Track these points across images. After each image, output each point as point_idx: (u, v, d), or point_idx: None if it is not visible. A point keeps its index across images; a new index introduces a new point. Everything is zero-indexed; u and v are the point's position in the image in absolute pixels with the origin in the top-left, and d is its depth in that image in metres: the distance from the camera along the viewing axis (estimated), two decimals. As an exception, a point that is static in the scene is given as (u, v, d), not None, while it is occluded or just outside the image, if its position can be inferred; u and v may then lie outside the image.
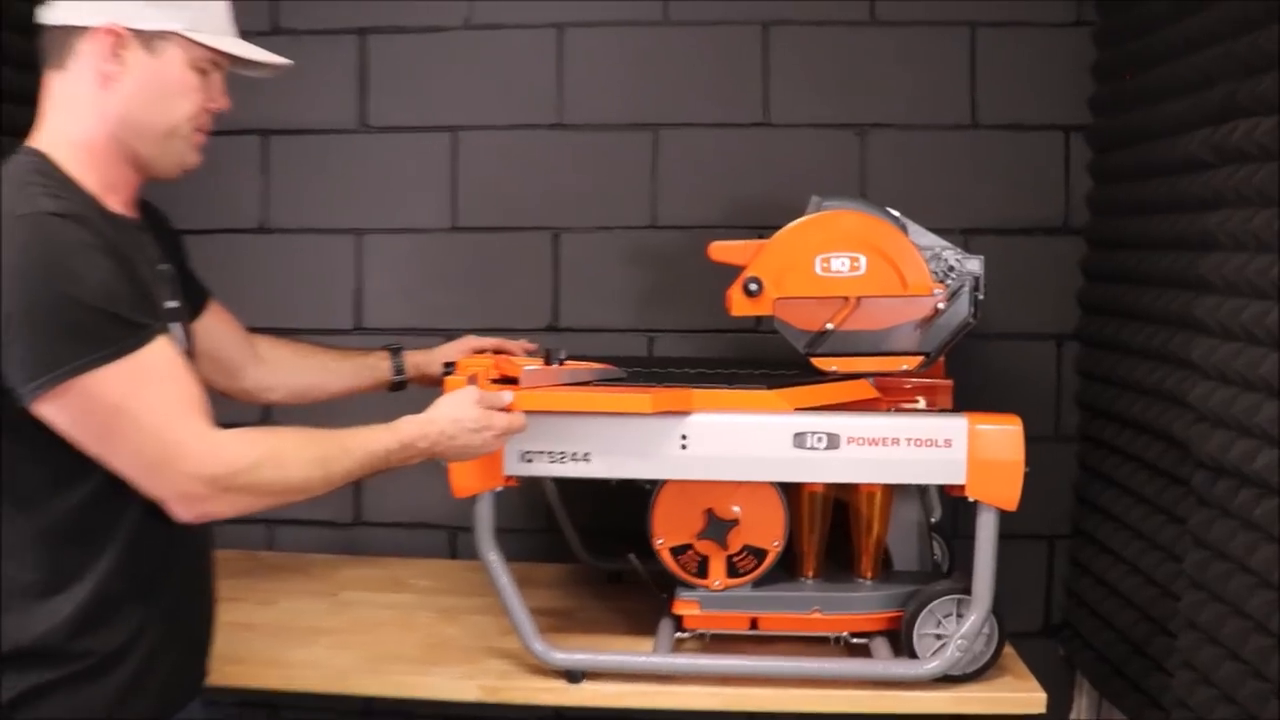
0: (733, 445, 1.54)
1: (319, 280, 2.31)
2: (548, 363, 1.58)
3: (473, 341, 1.87)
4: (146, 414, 1.19)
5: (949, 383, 1.81)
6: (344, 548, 2.27)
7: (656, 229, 2.24)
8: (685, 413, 1.54)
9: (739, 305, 1.73)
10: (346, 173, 2.29)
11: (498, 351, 1.83)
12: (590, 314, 2.26)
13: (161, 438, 1.20)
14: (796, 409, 1.57)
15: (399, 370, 1.82)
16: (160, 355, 1.22)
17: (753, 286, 1.71)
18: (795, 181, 2.09)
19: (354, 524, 2.30)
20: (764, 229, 1.99)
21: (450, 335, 2.17)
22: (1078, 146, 2.17)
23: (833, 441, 1.52)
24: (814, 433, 1.53)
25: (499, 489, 1.59)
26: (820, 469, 1.54)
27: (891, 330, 1.71)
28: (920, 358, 1.71)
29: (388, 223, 2.29)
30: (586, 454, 1.56)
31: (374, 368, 1.82)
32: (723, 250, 1.77)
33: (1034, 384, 2.19)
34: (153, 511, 1.24)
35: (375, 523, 2.30)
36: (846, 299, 1.70)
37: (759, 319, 1.84)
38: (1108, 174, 2.14)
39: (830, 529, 1.71)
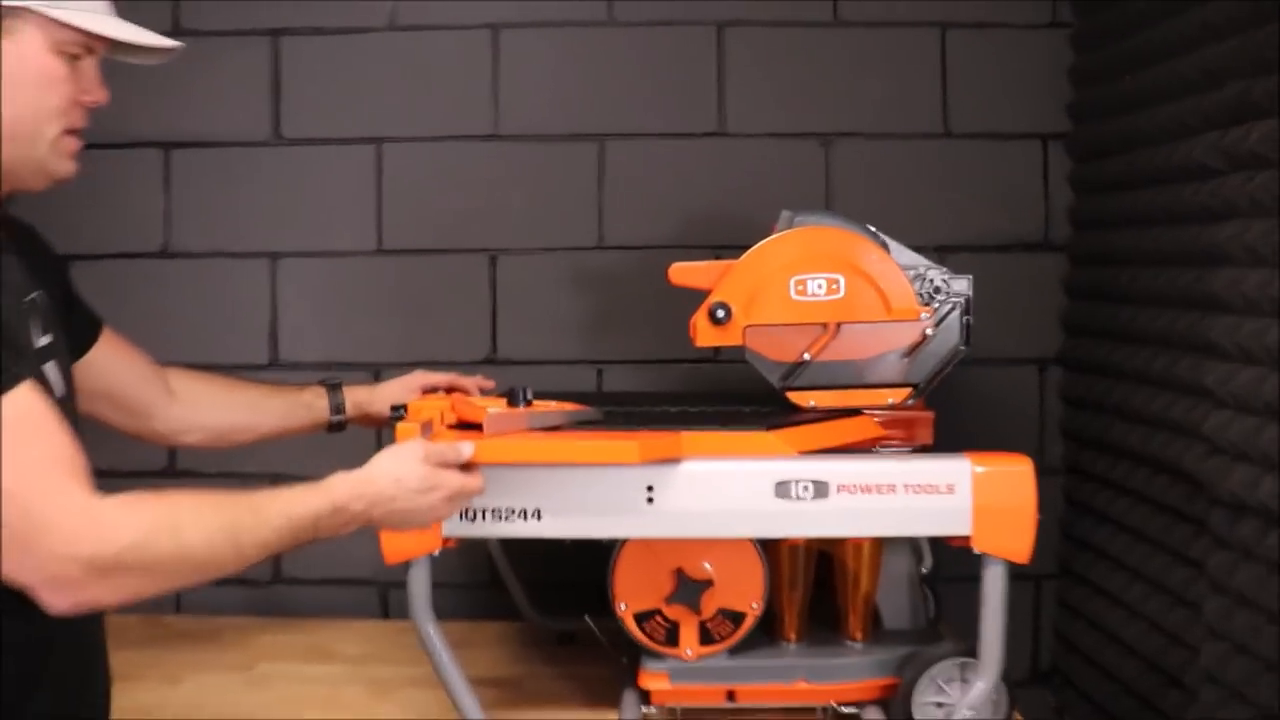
0: (707, 497, 1.34)
1: (229, 309, 2.08)
2: (512, 404, 1.38)
3: (422, 378, 1.65)
4: (3, 480, 0.96)
5: (929, 414, 1.62)
6: (262, 609, 2.03)
7: (603, 249, 2.04)
8: (674, 460, 1.34)
9: (704, 334, 1.54)
10: (259, 189, 2.06)
11: (450, 390, 1.62)
12: (532, 344, 2.05)
13: (24, 509, 0.97)
14: (800, 453, 1.38)
15: (338, 408, 1.60)
16: (22, 406, 0.99)
17: (720, 313, 1.52)
18: (754, 195, 1.93)
19: (272, 582, 2.06)
20: (721, 249, 1.82)
21: (377, 370, 1.98)
22: (1057, 156, 2.01)
23: (820, 490, 1.33)
24: (799, 481, 1.33)
25: (436, 552, 1.38)
26: (807, 522, 1.35)
27: (875, 360, 1.53)
28: (907, 390, 1.53)
29: (306, 245, 2.07)
30: (536, 510, 1.35)
31: (309, 405, 1.60)
32: (685, 272, 1.58)
33: (1015, 413, 2.03)
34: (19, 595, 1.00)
35: (296, 580, 2.06)
36: (825, 325, 1.52)
37: (718, 349, 1.66)
38: (1090, 184, 1.99)
39: (813, 584, 1.52)
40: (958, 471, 1.33)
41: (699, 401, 1.67)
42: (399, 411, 1.45)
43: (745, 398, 1.64)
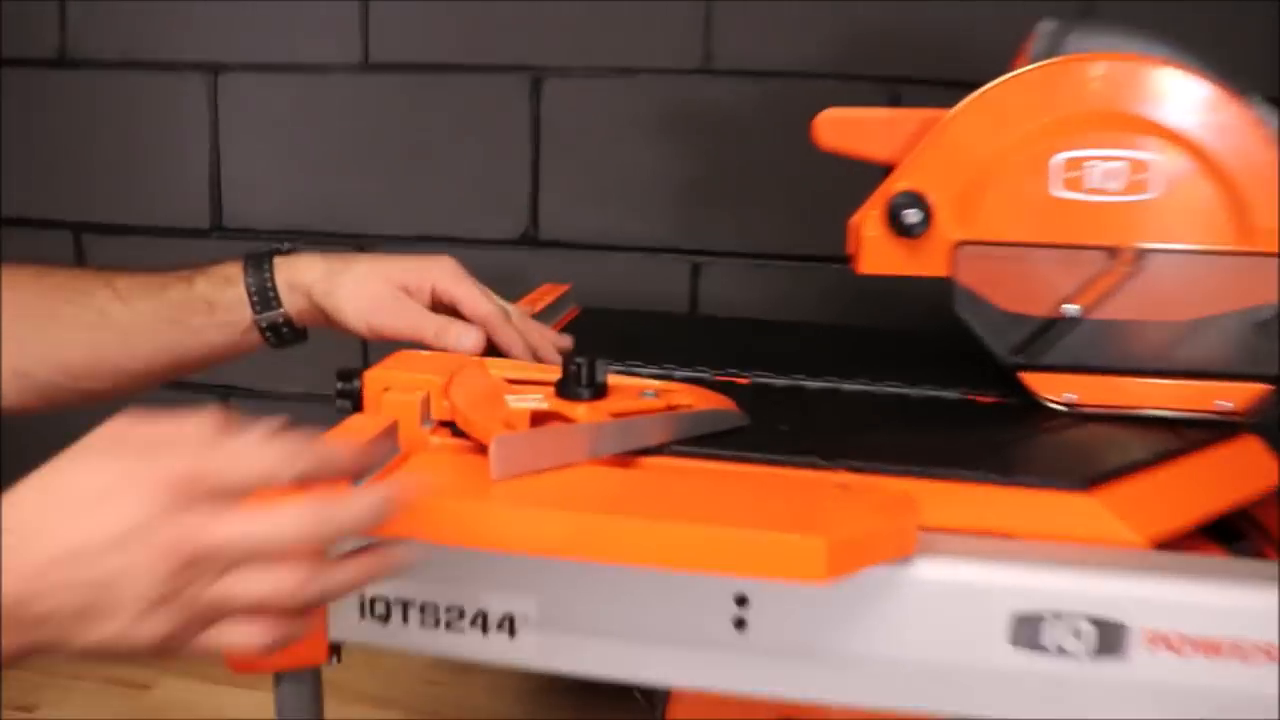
0: (858, 632, 0.63)
1: (150, 145, 1.40)
2: (566, 393, 0.70)
3: (435, 272, 0.88)
4: None
5: (1258, 444, 0.85)
6: None
7: (711, 74, 1.28)
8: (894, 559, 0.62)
9: (875, 252, 0.81)
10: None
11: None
12: (590, 218, 1.33)
13: None
14: (1153, 541, 0.66)
15: (264, 300, 0.88)
16: None
17: (909, 215, 0.78)
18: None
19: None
20: (909, 86, 1.08)
21: (360, 244, 1.30)
22: None
23: (1111, 640, 0.61)
24: (1062, 614, 0.61)
25: (319, 666, 0.71)
26: (1074, 698, 0.63)
27: (1206, 325, 0.78)
28: (1264, 388, 0.79)
29: (260, 54, 1.36)
30: (509, 619, 0.66)
31: (221, 308, 0.89)
32: (844, 127, 0.84)
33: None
34: None
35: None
36: (1113, 251, 0.77)
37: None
38: None
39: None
40: None
41: (863, 364, 0.94)
42: (347, 386, 0.76)
43: (937, 352, 0.91)
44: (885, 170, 0.82)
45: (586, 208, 1.33)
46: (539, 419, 0.69)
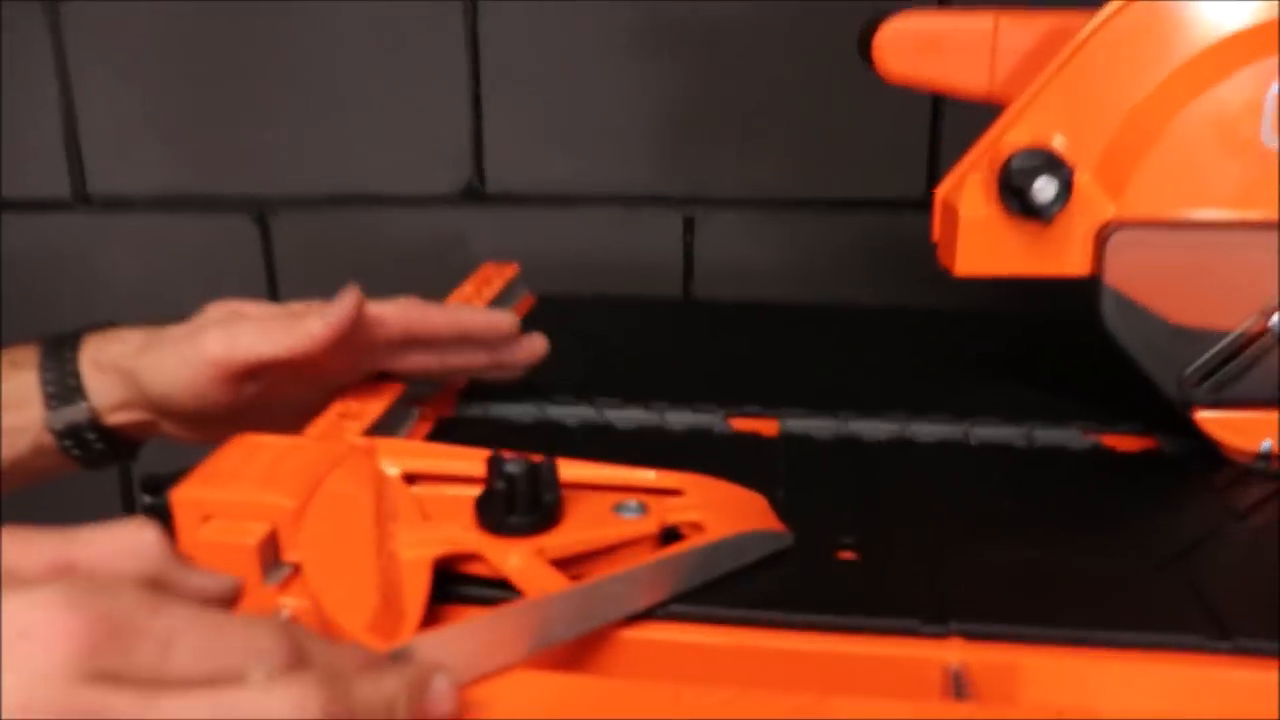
0: None
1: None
2: (495, 523, 0.44)
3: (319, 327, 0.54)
4: None
5: None
6: None
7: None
8: None
9: (980, 240, 0.52)
10: None
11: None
12: (551, 163, 1.03)
13: None
14: None
15: (62, 391, 0.59)
16: None
17: (1044, 186, 0.49)
18: None
19: None
20: None
21: (260, 210, 1.00)
22: None
23: None
24: None
25: None
26: None
27: None
28: None
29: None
30: None
31: (10, 406, 0.59)
32: (921, 45, 0.55)
33: None
34: None
35: None
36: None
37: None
38: None
39: None
40: None
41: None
42: (153, 502, 0.46)
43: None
44: (984, 112, 0.53)
45: (545, 150, 1.03)
46: (452, 564, 0.42)
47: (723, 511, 0.45)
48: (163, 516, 0.47)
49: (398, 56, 1.03)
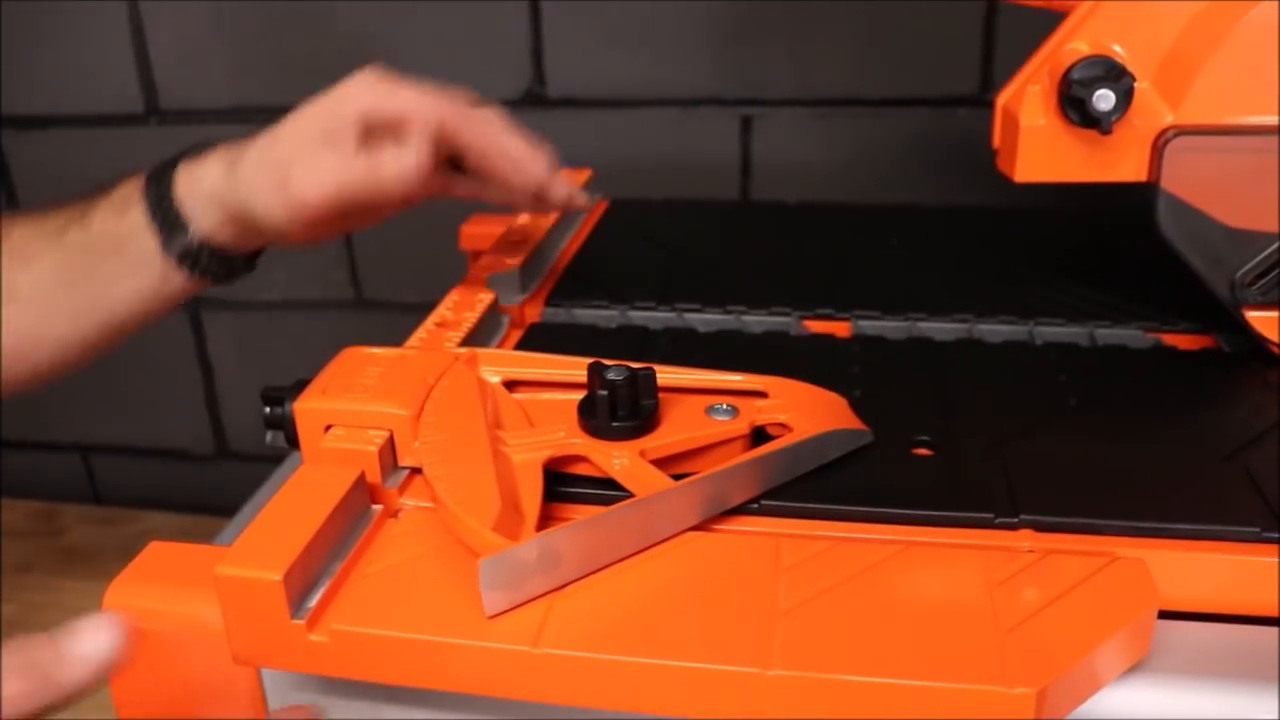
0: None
1: (61, 13, 1.13)
2: (598, 429, 0.48)
3: (354, 97, 0.59)
4: None
5: None
6: None
7: None
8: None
9: (1040, 148, 0.54)
10: None
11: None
12: (611, 65, 1.05)
13: None
14: None
15: (168, 223, 0.64)
16: None
17: (1103, 94, 0.51)
18: None
19: None
20: None
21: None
22: None
23: None
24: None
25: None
26: None
27: None
28: None
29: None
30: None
31: (129, 242, 0.65)
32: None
33: None
34: None
35: None
36: None
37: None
38: None
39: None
40: None
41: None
42: (275, 413, 0.52)
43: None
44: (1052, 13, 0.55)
45: (604, 54, 1.05)
46: (558, 466, 0.46)
47: (807, 412, 0.49)
48: (284, 426, 0.52)
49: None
